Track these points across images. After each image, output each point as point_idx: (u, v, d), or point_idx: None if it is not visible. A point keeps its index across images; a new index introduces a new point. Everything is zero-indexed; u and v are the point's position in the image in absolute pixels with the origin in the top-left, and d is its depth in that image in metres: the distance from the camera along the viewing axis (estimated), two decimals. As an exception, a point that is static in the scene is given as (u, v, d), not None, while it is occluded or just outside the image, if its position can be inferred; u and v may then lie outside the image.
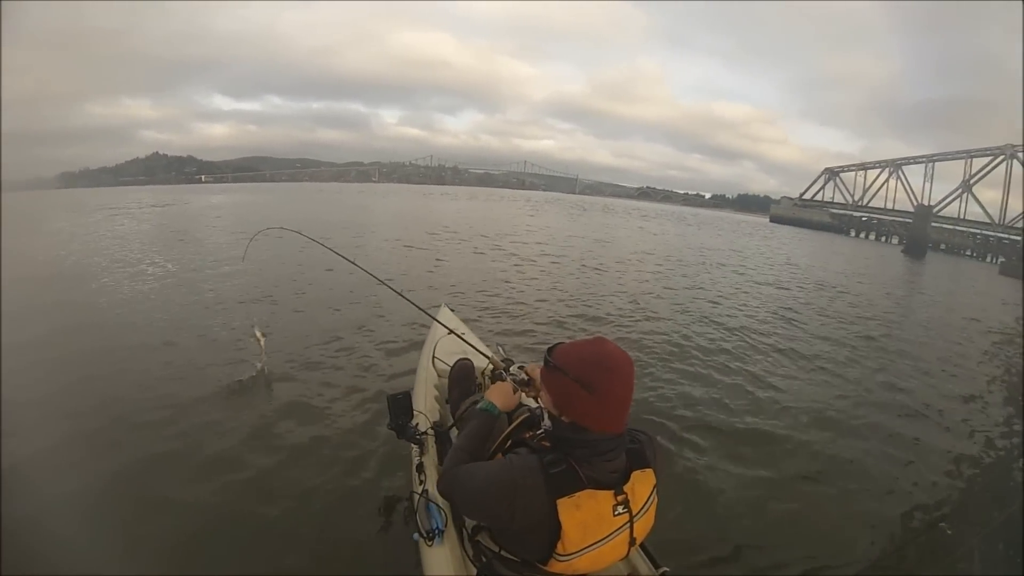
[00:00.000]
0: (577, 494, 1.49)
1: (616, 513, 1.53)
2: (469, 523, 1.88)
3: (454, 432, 2.71)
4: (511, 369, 2.42)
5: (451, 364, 3.19)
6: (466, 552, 1.92)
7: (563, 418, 1.56)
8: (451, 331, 3.74)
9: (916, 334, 10.95)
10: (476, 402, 2.30)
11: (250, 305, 7.14)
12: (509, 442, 1.87)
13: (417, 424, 2.79)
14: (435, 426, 2.82)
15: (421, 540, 2.12)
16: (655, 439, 1.73)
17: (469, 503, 1.67)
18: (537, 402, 1.97)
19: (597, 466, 1.53)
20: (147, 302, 7.90)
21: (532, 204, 59.61)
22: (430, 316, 3.84)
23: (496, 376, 2.63)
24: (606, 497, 1.52)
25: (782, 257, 25.94)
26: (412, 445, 2.76)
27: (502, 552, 1.66)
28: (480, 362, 3.27)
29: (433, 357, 3.71)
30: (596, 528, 1.51)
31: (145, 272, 10.10)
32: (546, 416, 1.64)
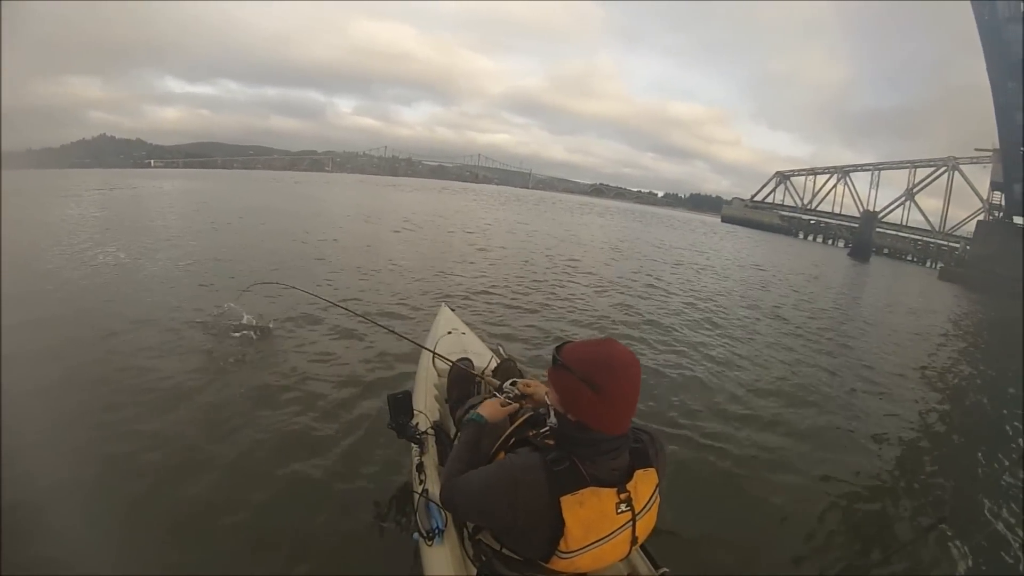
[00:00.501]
0: (580, 492, 1.51)
1: (619, 511, 1.55)
2: (471, 523, 1.89)
3: (453, 429, 2.74)
4: (504, 386, 2.23)
5: (451, 364, 3.16)
6: (466, 552, 1.95)
7: (569, 416, 1.57)
8: (451, 331, 4.08)
9: (879, 335, 11.31)
10: (473, 407, 2.34)
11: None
12: (512, 440, 1.92)
13: (417, 424, 2.80)
14: (435, 426, 2.87)
15: (421, 540, 2.12)
16: (658, 439, 1.74)
17: (472, 508, 1.70)
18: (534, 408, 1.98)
19: (600, 464, 1.55)
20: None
21: (498, 200, 59.16)
22: (419, 345, 3.81)
23: (490, 393, 2.54)
24: (609, 495, 1.54)
25: (750, 259, 26.50)
26: (412, 444, 2.78)
27: (503, 551, 1.66)
28: (480, 362, 3.39)
29: (433, 357, 3.66)
30: (599, 526, 1.53)
31: (96, 260, 9.51)
32: (552, 414, 1.64)
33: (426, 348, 3.79)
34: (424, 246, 15.31)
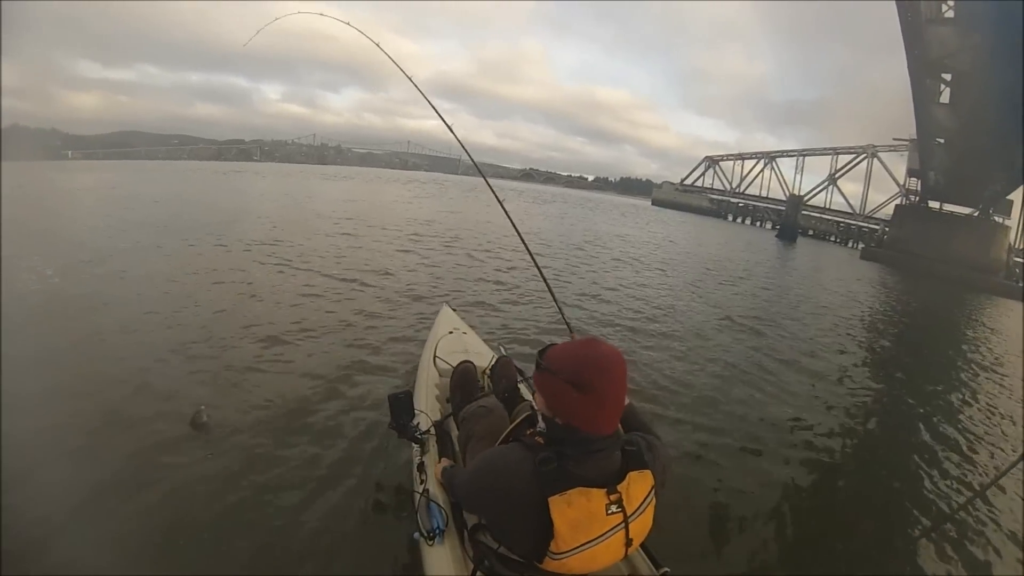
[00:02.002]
0: (568, 492, 1.49)
1: (609, 512, 1.52)
2: (469, 522, 1.90)
3: (455, 433, 2.70)
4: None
5: (452, 363, 3.28)
6: (466, 552, 1.93)
7: (557, 420, 1.56)
8: (452, 330, 4.15)
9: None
10: (489, 407, 2.54)
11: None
12: (511, 439, 1.86)
13: (418, 423, 2.78)
14: (436, 425, 2.82)
15: (421, 539, 2.11)
16: (657, 445, 1.72)
17: (464, 486, 1.74)
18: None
19: (590, 464, 1.53)
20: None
21: (434, 188, 57.38)
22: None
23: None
24: (598, 495, 1.51)
25: (689, 243, 26.79)
26: (413, 444, 2.78)
27: (500, 549, 1.65)
28: (482, 361, 3.46)
29: (434, 356, 3.71)
30: (588, 527, 1.51)
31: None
32: (540, 418, 1.65)
33: (427, 348, 3.88)
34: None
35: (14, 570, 2.51)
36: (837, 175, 71.61)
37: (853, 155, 70.15)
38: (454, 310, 4.98)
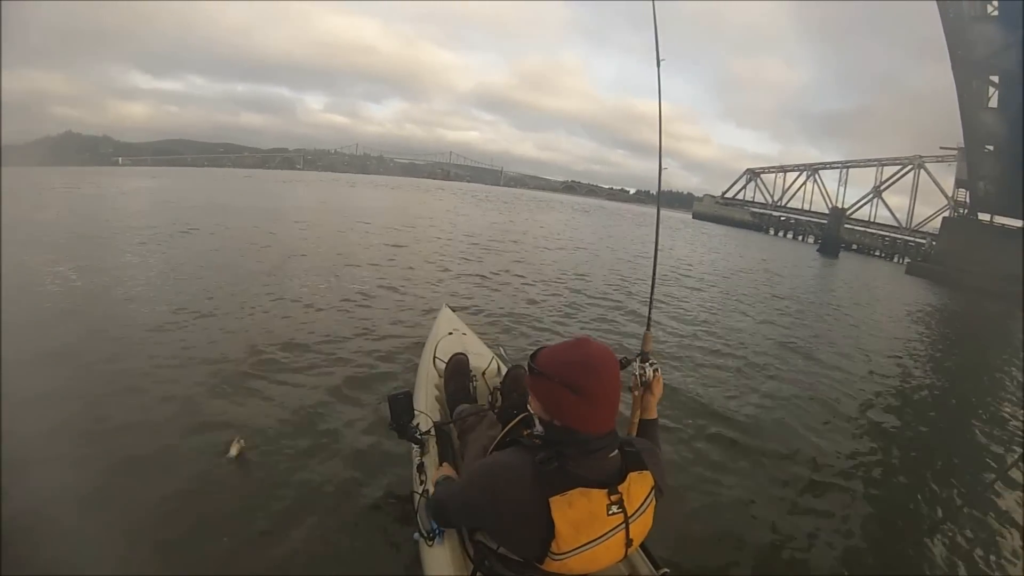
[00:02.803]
0: (569, 492, 1.48)
1: (610, 512, 1.52)
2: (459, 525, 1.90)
3: (454, 430, 2.73)
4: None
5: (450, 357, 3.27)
6: (466, 552, 1.92)
7: (555, 422, 1.56)
8: (452, 331, 4.15)
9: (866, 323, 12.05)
10: (479, 411, 2.68)
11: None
12: (508, 440, 1.87)
13: (418, 424, 2.77)
14: (436, 426, 2.82)
15: (421, 540, 2.11)
16: (656, 452, 1.77)
17: (456, 506, 1.72)
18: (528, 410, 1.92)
19: (589, 464, 1.53)
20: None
21: (478, 198, 58.64)
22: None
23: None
24: (599, 496, 1.51)
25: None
26: (413, 445, 2.78)
27: (500, 550, 1.62)
28: (480, 362, 3.50)
29: (434, 357, 3.69)
30: (589, 527, 1.50)
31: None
32: (537, 423, 1.65)
33: (427, 348, 3.82)
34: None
35: (14, 570, 2.53)
36: (882, 187, 70.17)
37: (899, 166, 68.56)
38: (454, 311, 4.97)
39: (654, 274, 2.83)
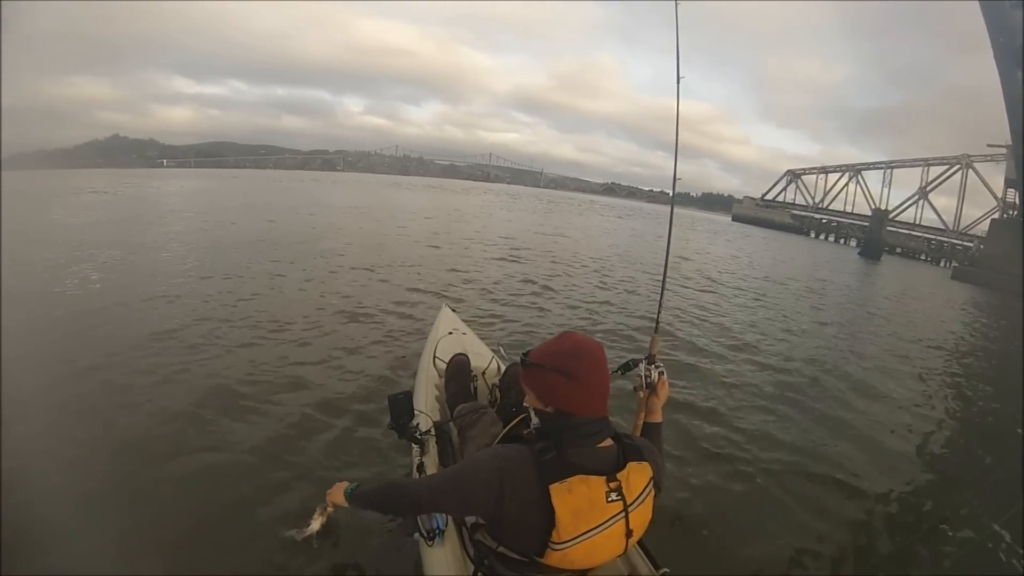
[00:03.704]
0: (568, 479, 1.51)
1: (609, 500, 1.55)
2: (468, 521, 1.84)
3: (453, 430, 2.75)
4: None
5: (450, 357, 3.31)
6: (466, 552, 1.91)
7: (548, 409, 1.61)
8: (452, 331, 4.17)
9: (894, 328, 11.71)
10: (478, 408, 2.70)
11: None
12: (508, 438, 1.85)
13: (418, 424, 2.78)
14: (436, 426, 2.85)
15: (421, 540, 2.11)
16: (654, 448, 1.79)
17: (458, 492, 1.64)
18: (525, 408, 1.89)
19: (587, 450, 1.58)
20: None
21: (526, 200, 58.49)
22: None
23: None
24: (598, 483, 1.54)
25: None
26: (413, 445, 2.78)
27: (500, 549, 1.63)
28: (480, 362, 3.53)
29: (434, 357, 3.71)
30: (589, 514, 1.52)
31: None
32: (533, 415, 1.68)
33: (427, 348, 3.84)
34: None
35: (14, 570, 2.55)
36: (928, 188, 68.11)
37: (945, 166, 66.47)
38: (454, 310, 4.96)
39: (664, 280, 2.93)
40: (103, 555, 2.73)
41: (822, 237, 73.07)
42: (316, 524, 2.97)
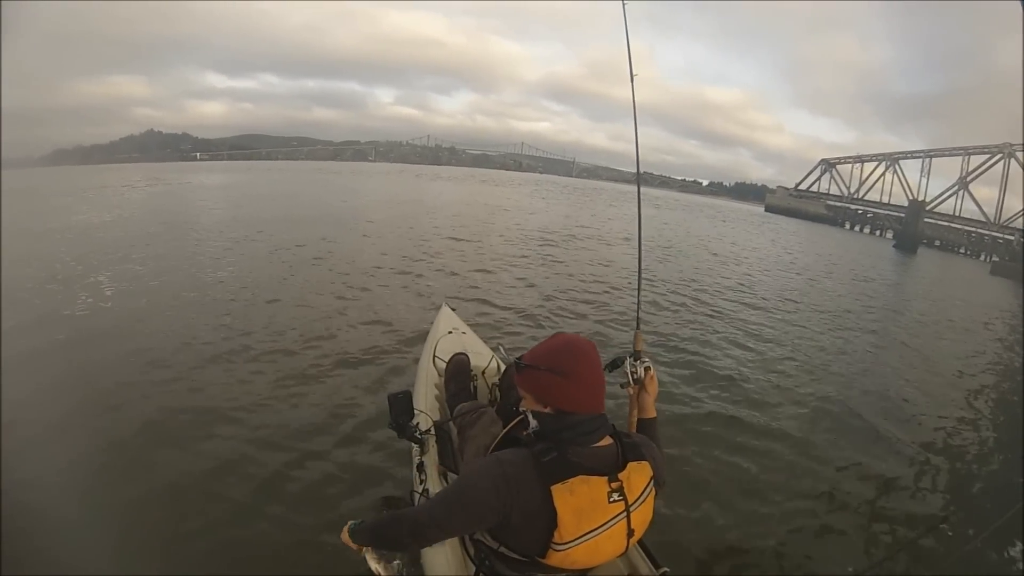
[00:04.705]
0: (570, 480, 1.49)
1: (611, 500, 1.54)
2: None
3: (453, 429, 2.68)
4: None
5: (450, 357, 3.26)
6: (467, 551, 1.88)
7: (547, 410, 1.60)
8: (452, 330, 4.12)
9: (905, 328, 11.46)
10: (478, 408, 2.60)
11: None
12: (507, 440, 1.87)
13: (418, 423, 2.76)
14: (436, 425, 2.82)
15: None
16: (653, 445, 1.77)
17: (464, 509, 1.57)
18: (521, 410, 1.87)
19: (586, 450, 1.56)
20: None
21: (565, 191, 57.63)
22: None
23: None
24: (599, 483, 1.52)
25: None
26: (412, 444, 2.77)
27: (501, 549, 1.62)
28: (480, 361, 3.48)
29: (434, 356, 3.67)
30: (591, 514, 1.51)
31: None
32: (530, 418, 1.66)
33: (426, 348, 3.85)
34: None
35: (14, 570, 2.56)
36: (968, 178, 66.13)
37: (987, 155, 64.47)
38: (453, 309, 4.88)
39: (639, 275, 2.88)
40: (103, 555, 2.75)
41: (857, 228, 71.61)
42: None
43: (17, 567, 2.59)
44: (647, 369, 2.15)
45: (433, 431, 2.79)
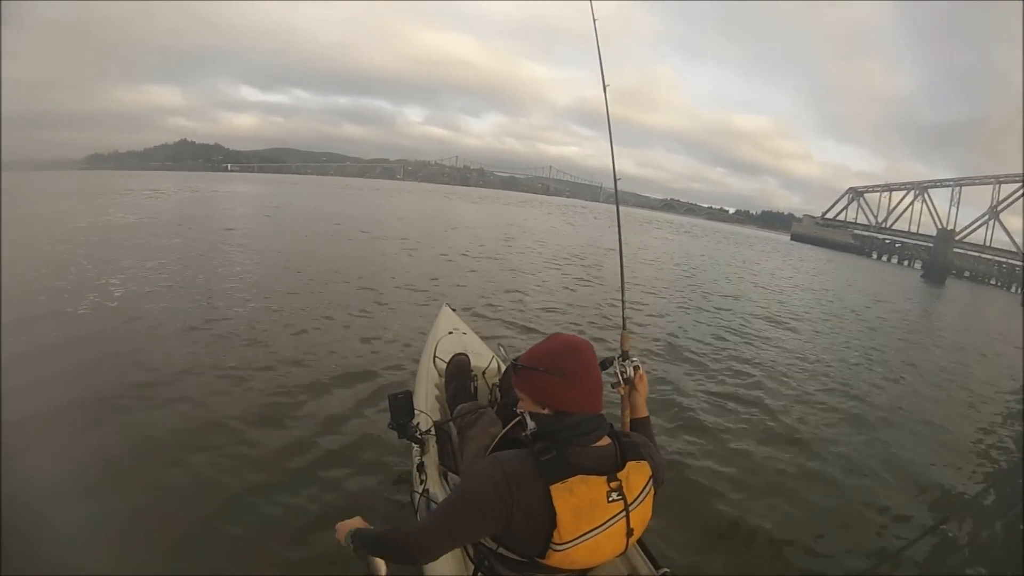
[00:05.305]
0: (569, 480, 1.49)
1: (610, 500, 1.54)
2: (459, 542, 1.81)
3: (453, 429, 2.68)
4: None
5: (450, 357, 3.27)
6: (466, 552, 1.91)
7: (545, 411, 1.59)
8: (452, 331, 4.13)
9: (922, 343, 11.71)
10: (478, 408, 2.59)
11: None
12: (507, 440, 1.92)
13: (418, 424, 2.74)
14: (436, 426, 2.80)
15: None
16: (651, 444, 1.78)
17: (470, 512, 1.53)
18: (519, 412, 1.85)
19: (585, 450, 1.56)
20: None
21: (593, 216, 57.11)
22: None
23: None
24: (599, 483, 1.52)
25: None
26: (413, 445, 2.76)
27: (500, 549, 1.61)
28: (480, 361, 3.48)
29: (434, 357, 3.68)
30: (590, 514, 1.51)
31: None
32: (529, 419, 1.65)
33: (427, 348, 3.84)
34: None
35: (14, 570, 2.58)
36: (1000, 207, 64.98)
37: (1019, 183, 63.32)
38: (454, 310, 4.93)
39: (622, 275, 2.88)
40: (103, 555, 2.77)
41: (884, 258, 70.27)
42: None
43: (17, 567, 2.60)
44: (636, 369, 2.17)
45: (433, 431, 2.78)
